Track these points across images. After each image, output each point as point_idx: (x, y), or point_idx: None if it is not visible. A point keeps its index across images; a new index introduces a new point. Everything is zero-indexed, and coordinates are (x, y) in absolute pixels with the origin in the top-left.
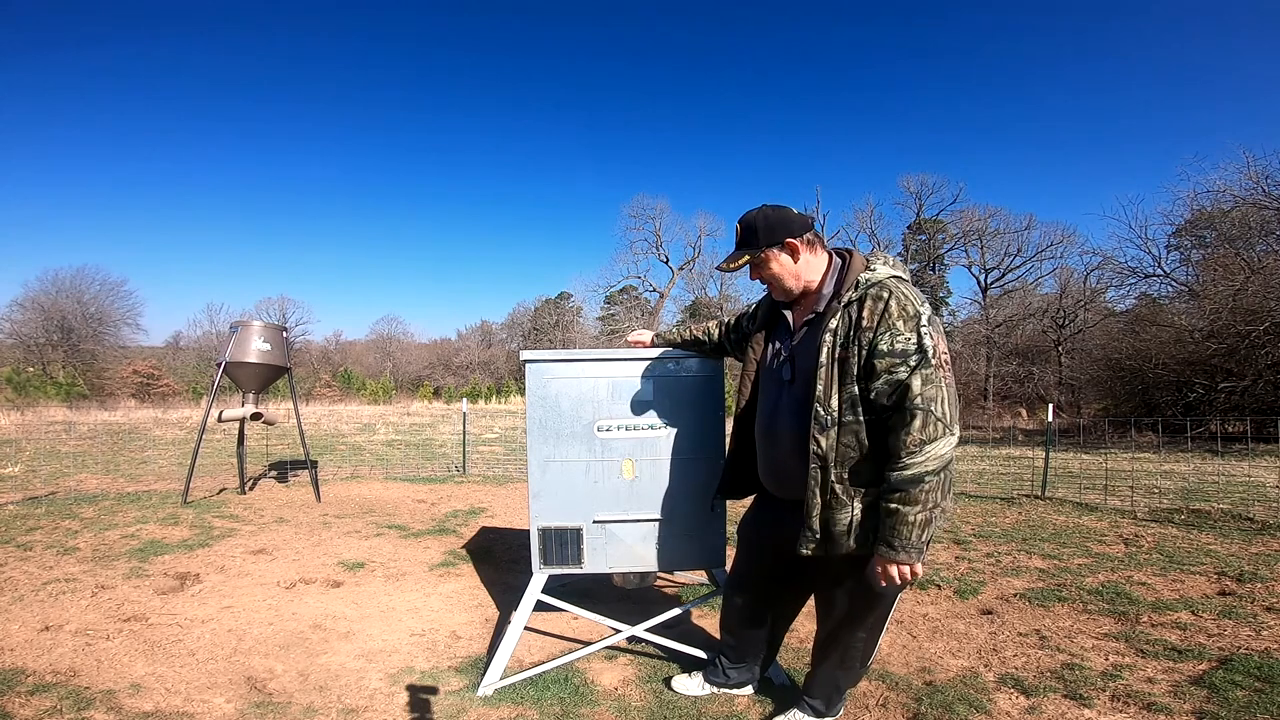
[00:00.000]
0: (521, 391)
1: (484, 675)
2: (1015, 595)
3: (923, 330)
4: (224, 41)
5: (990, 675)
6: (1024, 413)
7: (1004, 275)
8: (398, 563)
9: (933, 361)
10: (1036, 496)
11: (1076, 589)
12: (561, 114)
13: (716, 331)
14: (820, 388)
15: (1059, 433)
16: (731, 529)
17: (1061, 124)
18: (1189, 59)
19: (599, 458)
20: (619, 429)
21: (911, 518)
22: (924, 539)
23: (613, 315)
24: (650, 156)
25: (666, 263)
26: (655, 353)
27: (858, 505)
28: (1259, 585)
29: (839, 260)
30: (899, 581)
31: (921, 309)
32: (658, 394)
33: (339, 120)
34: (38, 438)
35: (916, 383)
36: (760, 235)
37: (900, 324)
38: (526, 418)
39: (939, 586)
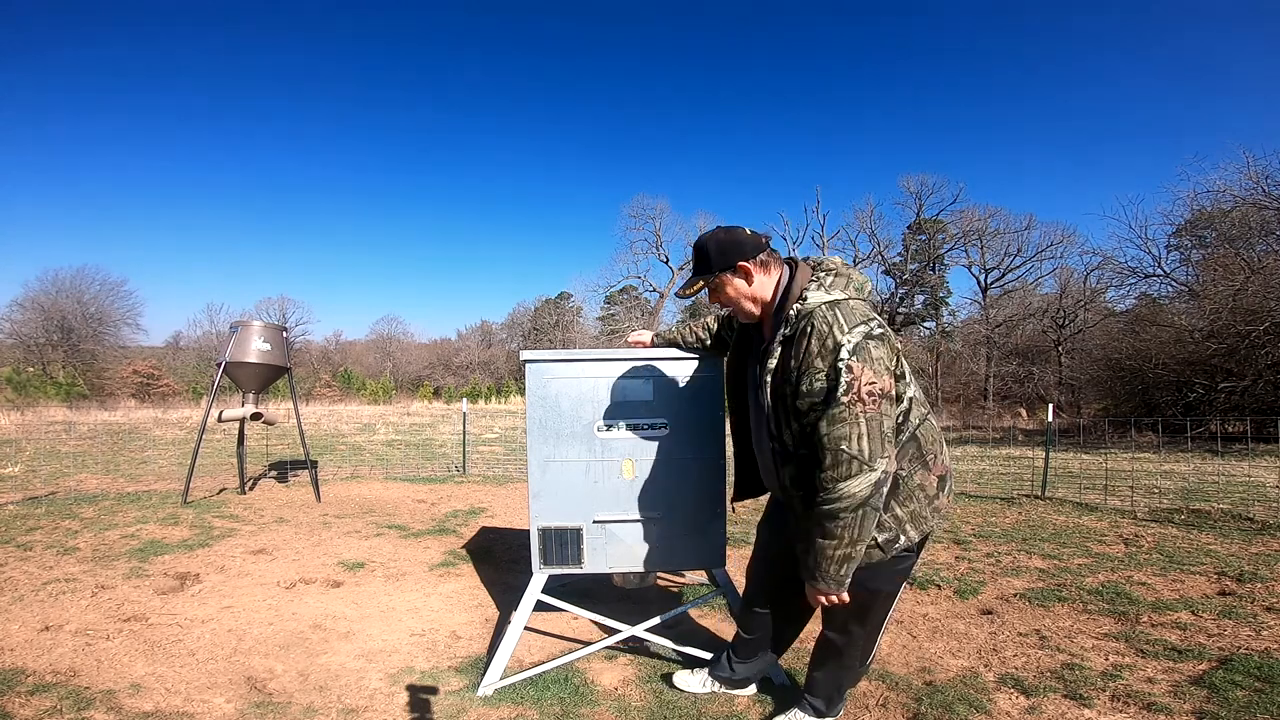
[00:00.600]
0: (521, 391)
1: (484, 675)
2: (1015, 595)
3: (840, 364)
4: (224, 41)
5: (990, 675)
6: (1024, 413)
7: (1004, 275)
8: (398, 563)
9: (843, 399)
10: (1036, 496)
11: (1076, 589)
12: (561, 114)
13: (715, 325)
14: (772, 425)
15: (1059, 433)
16: (732, 529)
17: (1061, 124)
18: (1189, 58)
19: (599, 458)
20: (619, 429)
21: (829, 552)
22: (843, 573)
23: (613, 315)
24: (650, 156)
25: (666, 263)
26: (655, 353)
27: None
28: (1259, 585)
29: (786, 275)
30: (827, 605)
31: (844, 338)
32: (658, 394)
33: (339, 120)
34: (38, 438)
35: (824, 424)
36: (713, 259)
37: (818, 361)
38: (526, 418)
39: (939, 586)
